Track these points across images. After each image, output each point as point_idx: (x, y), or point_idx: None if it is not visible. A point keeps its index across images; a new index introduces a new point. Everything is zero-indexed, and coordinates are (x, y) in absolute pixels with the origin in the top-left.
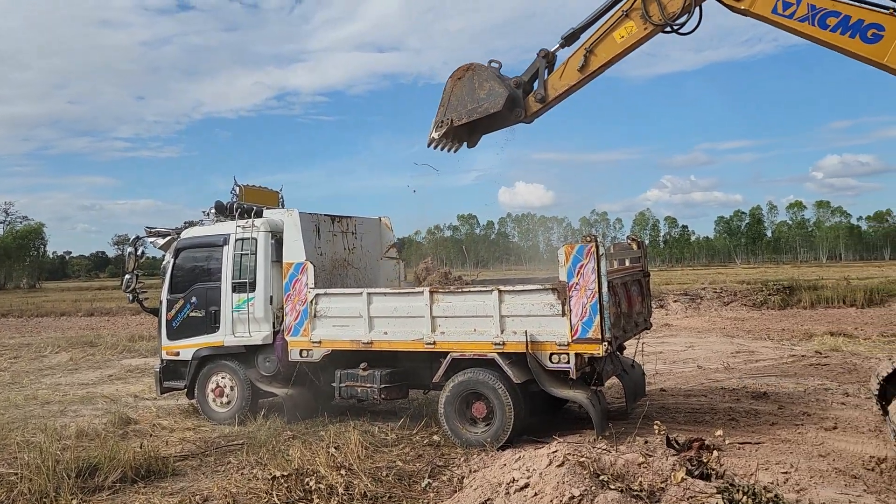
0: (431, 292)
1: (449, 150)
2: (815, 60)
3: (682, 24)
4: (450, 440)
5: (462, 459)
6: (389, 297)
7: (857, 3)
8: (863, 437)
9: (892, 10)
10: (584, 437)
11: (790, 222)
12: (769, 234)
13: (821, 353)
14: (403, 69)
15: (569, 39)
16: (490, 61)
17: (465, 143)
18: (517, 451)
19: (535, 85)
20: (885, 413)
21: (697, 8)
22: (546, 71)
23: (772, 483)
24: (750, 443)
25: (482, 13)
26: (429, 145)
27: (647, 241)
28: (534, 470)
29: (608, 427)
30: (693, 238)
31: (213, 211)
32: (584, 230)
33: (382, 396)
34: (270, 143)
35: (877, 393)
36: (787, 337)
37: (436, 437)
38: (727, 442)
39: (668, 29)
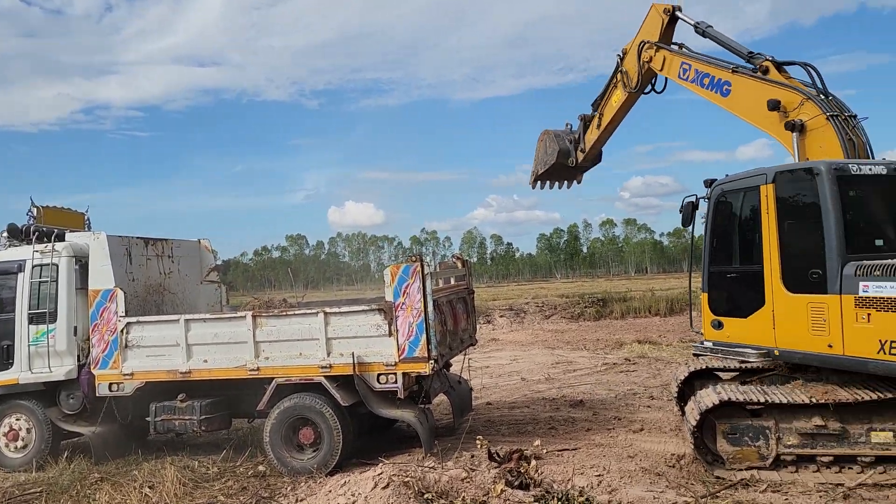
0: (254, 316)
1: (552, 188)
2: None
3: (648, 90)
4: (276, 469)
5: (289, 489)
6: (210, 323)
7: (716, 65)
8: (665, 437)
9: (734, 68)
10: (413, 456)
11: (603, 239)
12: (585, 249)
13: (629, 361)
14: (226, 84)
15: (594, 105)
16: (566, 124)
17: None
18: (344, 476)
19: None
20: (683, 413)
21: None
22: (583, 130)
23: (586, 486)
24: (568, 449)
25: (306, 32)
26: (532, 188)
27: (474, 259)
28: (359, 494)
29: (435, 444)
30: (517, 255)
31: (4, 235)
32: (414, 249)
33: (203, 428)
34: (77, 159)
35: (676, 395)
36: (601, 346)
37: (261, 468)
38: (547, 450)
39: (642, 92)
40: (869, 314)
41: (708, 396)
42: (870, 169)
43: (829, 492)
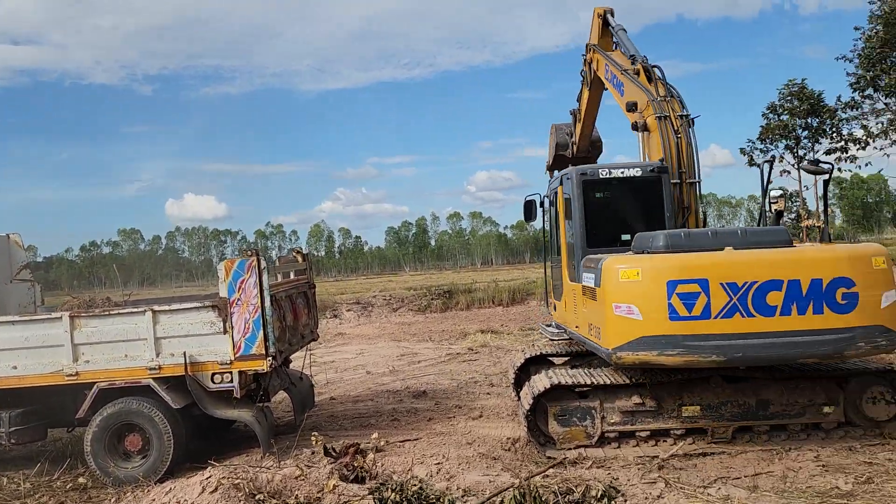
0: (72, 317)
1: None
2: (463, 87)
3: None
4: (99, 480)
5: (113, 500)
6: (19, 326)
7: (615, 66)
8: (503, 422)
9: (622, 70)
10: (252, 457)
11: (450, 231)
12: (433, 242)
13: (472, 350)
14: (46, 65)
15: (578, 100)
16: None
17: None
18: (170, 483)
19: None
20: (519, 398)
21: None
22: (574, 123)
23: (426, 475)
24: (410, 440)
25: (138, 13)
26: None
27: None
28: (185, 500)
29: (272, 444)
30: (366, 248)
31: None
32: (259, 243)
33: (13, 441)
34: None
35: (513, 381)
36: (446, 337)
37: (82, 480)
38: (388, 442)
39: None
40: (584, 300)
41: (540, 381)
42: (621, 172)
43: (647, 464)
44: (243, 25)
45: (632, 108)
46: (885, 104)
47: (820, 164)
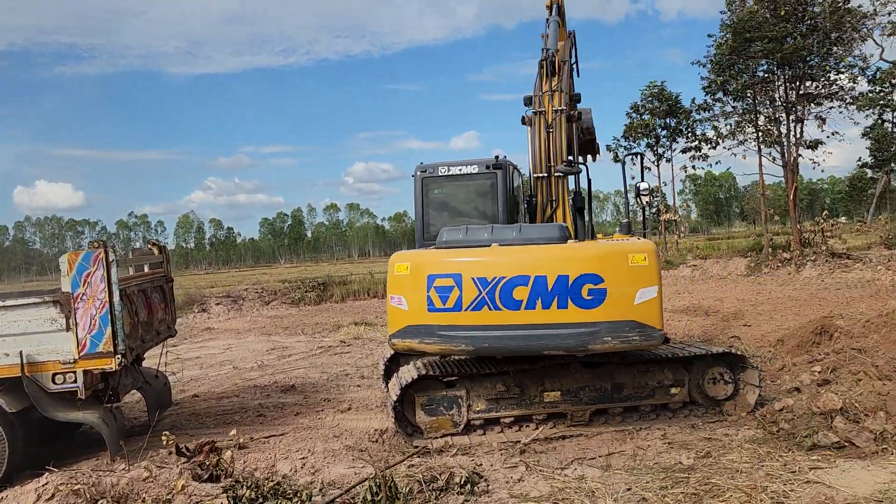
0: None
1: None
2: (341, 76)
3: None
4: None
5: None
6: None
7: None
8: (371, 414)
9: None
10: (101, 460)
11: (327, 223)
12: (309, 234)
13: (345, 343)
14: None
15: None
16: None
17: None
18: (4, 492)
19: None
20: (388, 389)
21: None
22: None
23: (290, 471)
24: (275, 435)
25: None
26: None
27: (192, 244)
28: None
29: (122, 446)
30: (239, 240)
31: None
32: (121, 234)
33: None
34: None
35: (383, 373)
36: (319, 330)
37: None
38: (253, 438)
39: None
40: None
41: (408, 372)
42: (459, 170)
43: (509, 449)
44: (102, 1)
45: (526, 102)
46: (733, 107)
47: (572, 165)
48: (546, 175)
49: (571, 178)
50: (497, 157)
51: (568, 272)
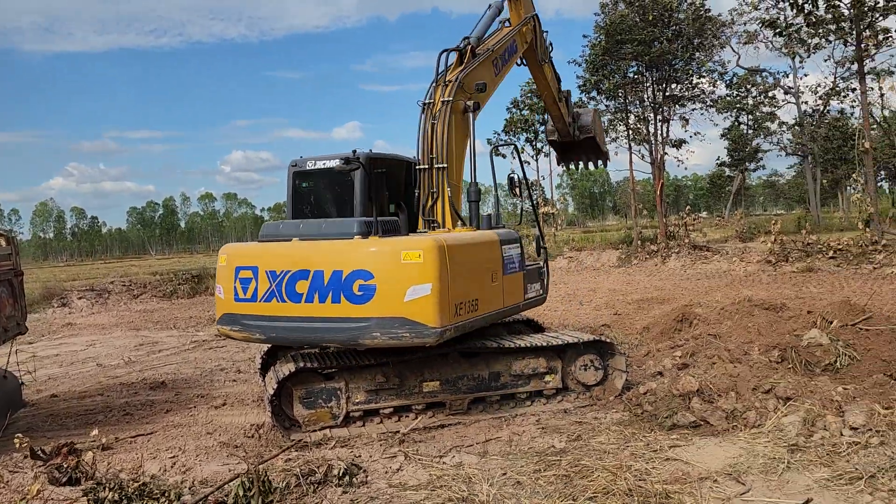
0: None
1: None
2: (217, 61)
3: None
4: None
5: None
6: None
7: None
8: (248, 409)
9: None
10: None
11: (202, 213)
12: (183, 224)
13: (221, 336)
14: None
15: None
16: None
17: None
18: None
19: None
20: (265, 383)
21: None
22: None
23: (159, 470)
24: (143, 434)
25: None
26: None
27: (51, 235)
28: None
29: None
30: (105, 230)
31: None
32: None
33: None
34: None
35: (260, 366)
36: (192, 324)
37: None
38: (119, 438)
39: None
40: None
41: (286, 365)
42: (323, 164)
43: (389, 439)
44: None
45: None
46: (606, 106)
47: (349, 162)
48: (427, 167)
49: (467, 170)
50: (354, 152)
51: (342, 268)
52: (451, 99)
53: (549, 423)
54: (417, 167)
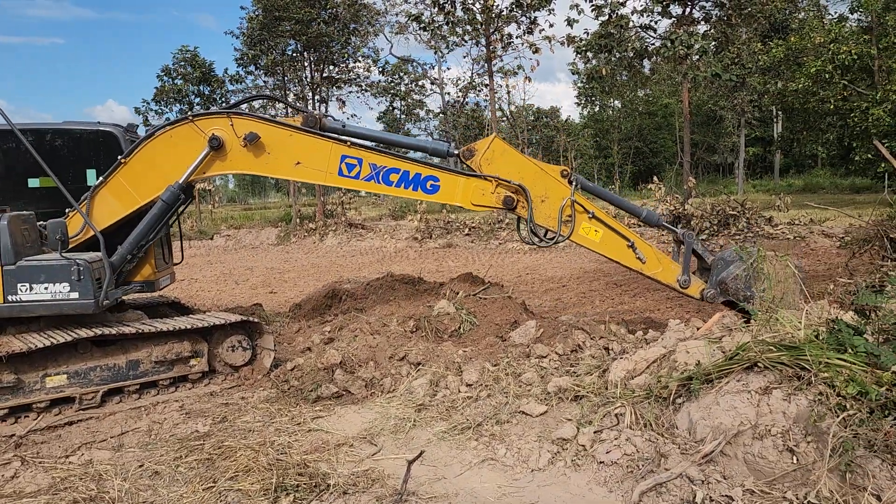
0: None
1: None
2: None
3: None
4: None
5: None
6: None
7: (408, 160)
8: None
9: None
10: None
11: None
12: None
13: None
14: None
15: None
16: None
17: None
18: None
19: None
20: None
21: None
22: None
23: None
24: None
25: None
26: None
27: None
28: None
29: None
30: None
31: None
32: None
33: None
34: None
35: None
36: None
37: None
38: None
39: None
40: None
41: None
42: None
43: (2, 444)
44: None
45: None
46: (265, 81)
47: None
48: None
49: None
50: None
51: None
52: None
53: (193, 407)
54: None
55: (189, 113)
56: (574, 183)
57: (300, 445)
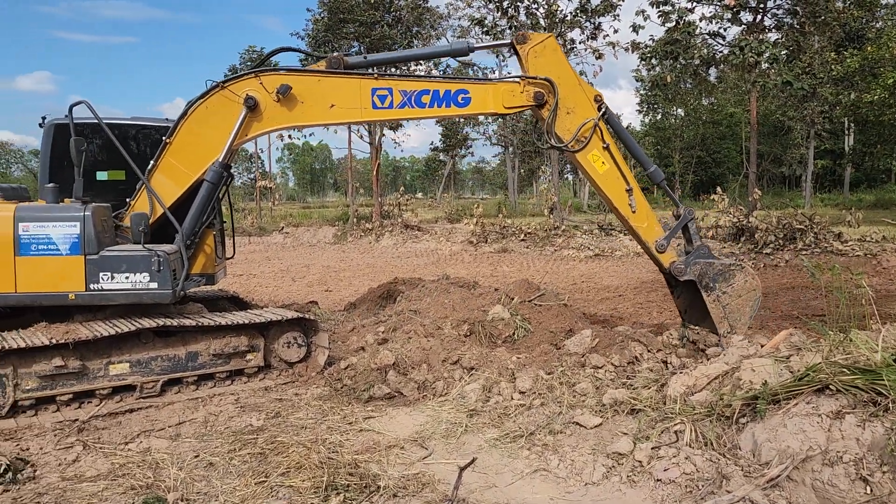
0: None
1: None
2: None
3: None
4: None
5: None
6: None
7: (436, 79)
8: None
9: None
10: None
11: None
12: None
13: None
14: None
15: None
16: None
17: None
18: None
19: None
20: None
21: None
22: None
23: None
24: None
25: None
26: None
27: None
28: None
29: None
30: None
31: None
32: None
33: None
34: None
35: None
36: None
37: None
38: None
39: None
40: None
41: None
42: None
43: (66, 428)
44: None
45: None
46: None
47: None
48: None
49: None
50: (44, 118)
51: None
52: None
53: (248, 401)
54: None
55: (217, 81)
56: (603, 110)
57: (351, 445)
